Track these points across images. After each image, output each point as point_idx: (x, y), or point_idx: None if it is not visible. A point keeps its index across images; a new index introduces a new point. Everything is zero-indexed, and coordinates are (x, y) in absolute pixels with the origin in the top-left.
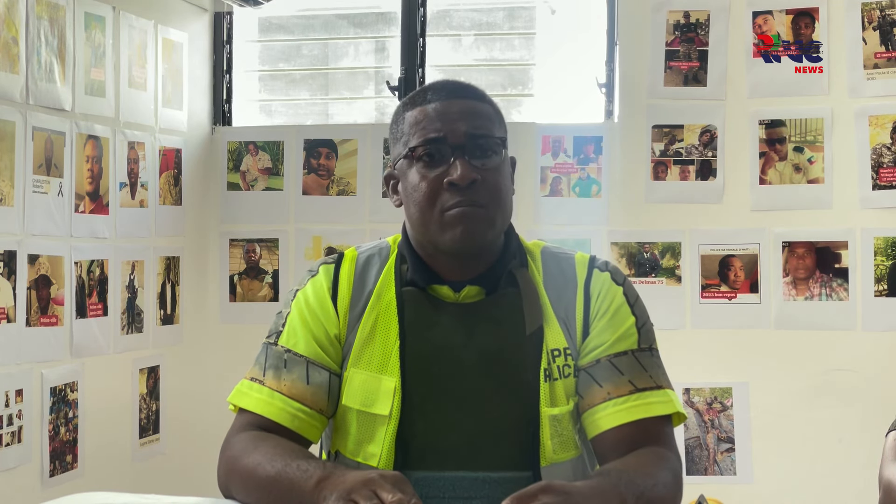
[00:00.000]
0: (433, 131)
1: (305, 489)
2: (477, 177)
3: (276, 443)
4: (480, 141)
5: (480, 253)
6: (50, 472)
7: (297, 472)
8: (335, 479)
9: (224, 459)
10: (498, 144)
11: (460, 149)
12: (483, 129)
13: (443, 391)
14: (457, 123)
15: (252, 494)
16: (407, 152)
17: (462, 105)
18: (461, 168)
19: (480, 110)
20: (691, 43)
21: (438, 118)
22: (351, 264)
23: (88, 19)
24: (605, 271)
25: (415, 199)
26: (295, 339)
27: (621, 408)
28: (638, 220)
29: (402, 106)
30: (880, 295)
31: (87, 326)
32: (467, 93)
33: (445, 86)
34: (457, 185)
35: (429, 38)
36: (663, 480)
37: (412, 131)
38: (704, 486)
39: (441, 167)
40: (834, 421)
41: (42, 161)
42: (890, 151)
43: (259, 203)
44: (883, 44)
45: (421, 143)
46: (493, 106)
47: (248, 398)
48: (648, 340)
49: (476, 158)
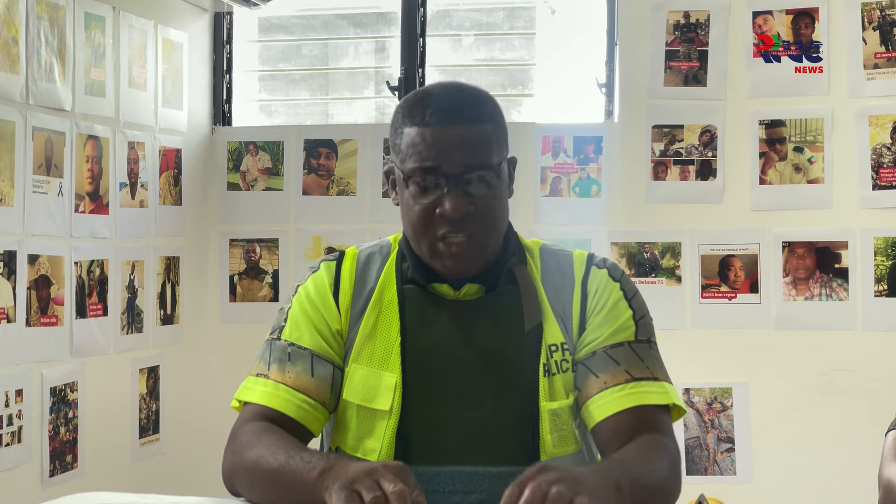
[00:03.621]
0: (429, 160)
1: (308, 480)
2: (470, 209)
3: (279, 436)
4: (476, 172)
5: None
6: (50, 472)
7: (300, 464)
8: (338, 469)
9: (228, 453)
10: (494, 175)
11: (454, 180)
12: (479, 159)
13: (443, 387)
14: (453, 153)
15: (256, 487)
16: (402, 175)
17: (460, 132)
18: (453, 202)
19: (478, 137)
20: (691, 43)
21: (435, 145)
22: (352, 262)
23: (88, 19)
24: (603, 268)
25: (409, 217)
26: (298, 332)
27: (617, 395)
28: (638, 220)
29: (403, 116)
30: (880, 295)
31: (87, 326)
32: (467, 117)
33: (445, 107)
34: (449, 216)
35: (429, 38)
36: (660, 468)
37: (409, 152)
38: (704, 486)
39: (434, 195)
40: (834, 421)
41: (42, 161)
42: (890, 151)
43: (259, 203)
44: (883, 44)
45: (415, 170)
46: (495, 123)
47: (254, 392)
48: (647, 333)
49: (471, 190)
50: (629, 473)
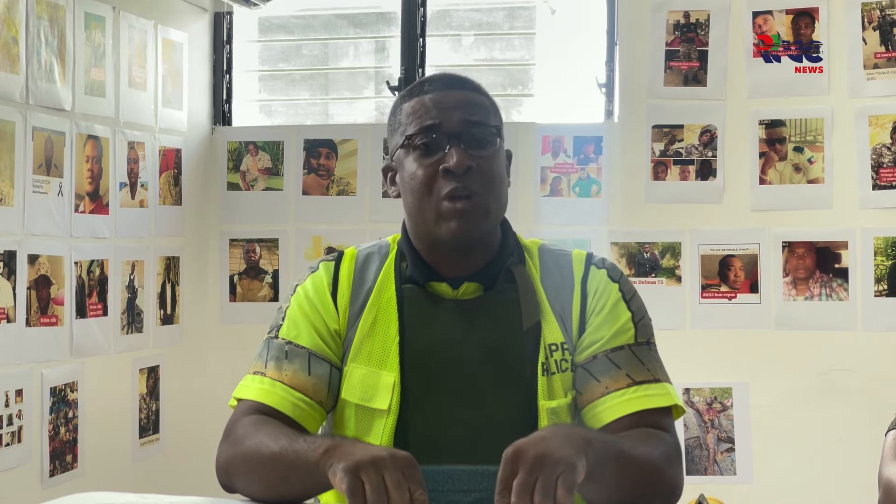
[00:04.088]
0: (429, 119)
1: (312, 459)
2: (472, 164)
3: (278, 425)
4: (475, 129)
5: (477, 247)
6: (50, 472)
7: (304, 445)
8: (344, 448)
9: (224, 445)
10: (493, 133)
11: (456, 137)
12: (478, 118)
13: (441, 385)
14: (452, 112)
15: (255, 475)
16: (404, 141)
17: (458, 95)
18: (457, 155)
19: (476, 101)
20: (691, 43)
21: (435, 107)
22: (351, 262)
23: (88, 19)
24: (602, 268)
25: (412, 188)
26: (296, 331)
27: (620, 400)
28: (638, 220)
29: (400, 98)
30: (880, 295)
31: (87, 326)
32: (464, 84)
33: (442, 77)
34: (452, 171)
35: (429, 38)
36: (649, 449)
37: (409, 121)
38: (704, 486)
39: (437, 155)
40: (834, 421)
41: (42, 161)
42: (890, 151)
43: (259, 203)
44: (883, 44)
45: (417, 131)
46: (489, 98)
47: (250, 389)
48: (646, 335)
49: (472, 147)
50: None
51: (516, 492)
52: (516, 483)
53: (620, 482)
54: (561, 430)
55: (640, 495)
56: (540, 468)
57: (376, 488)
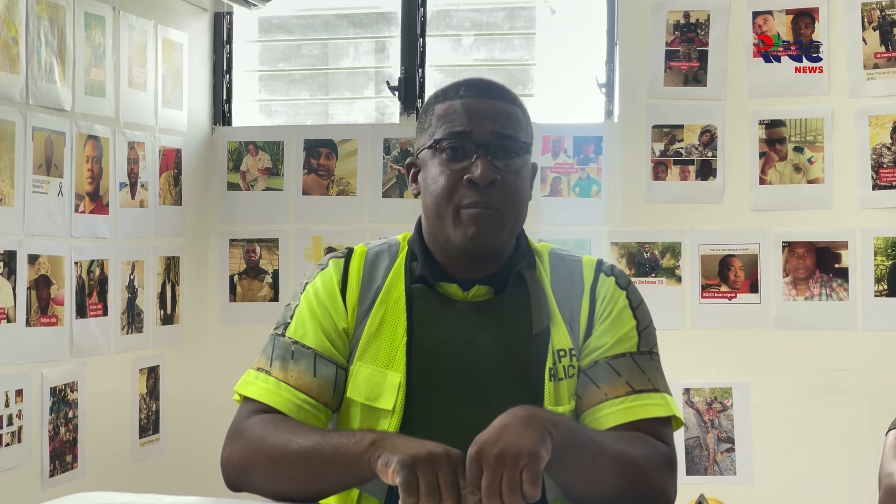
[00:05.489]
0: (459, 125)
1: (354, 451)
2: (497, 177)
3: (297, 422)
4: (505, 142)
5: (490, 253)
6: (50, 472)
7: (342, 438)
8: (394, 440)
9: (237, 445)
10: (522, 149)
11: (484, 147)
12: (509, 131)
13: (448, 387)
14: (484, 121)
15: (282, 472)
16: (431, 143)
17: (492, 105)
18: (482, 167)
19: (510, 112)
20: (691, 43)
21: (466, 114)
22: (360, 260)
23: (88, 19)
24: (611, 276)
25: (433, 191)
26: (303, 330)
27: (618, 408)
28: (638, 220)
29: (434, 97)
30: (880, 295)
31: (87, 326)
32: (499, 93)
33: (479, 83)
34: (476, 182)
35: (429, 38)
36: (629, 446)
37: (439, 123)
38: (704, 486)
39: (463, 162)
40: (834, 421)
41: (42, 161)
42: (890, 151)
43: (259, 203)
44: (883, 44)
45: (446, 135)
46: (523, 110)
47: (254, 387)
48: (649, 344)
49: (498, 159)
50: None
51: (485, 494)
52: (483, 485)
53: (593, 472)
54: (522, 414)
55: (621, 495)
56: (502, 465)
57: (431, 488)
